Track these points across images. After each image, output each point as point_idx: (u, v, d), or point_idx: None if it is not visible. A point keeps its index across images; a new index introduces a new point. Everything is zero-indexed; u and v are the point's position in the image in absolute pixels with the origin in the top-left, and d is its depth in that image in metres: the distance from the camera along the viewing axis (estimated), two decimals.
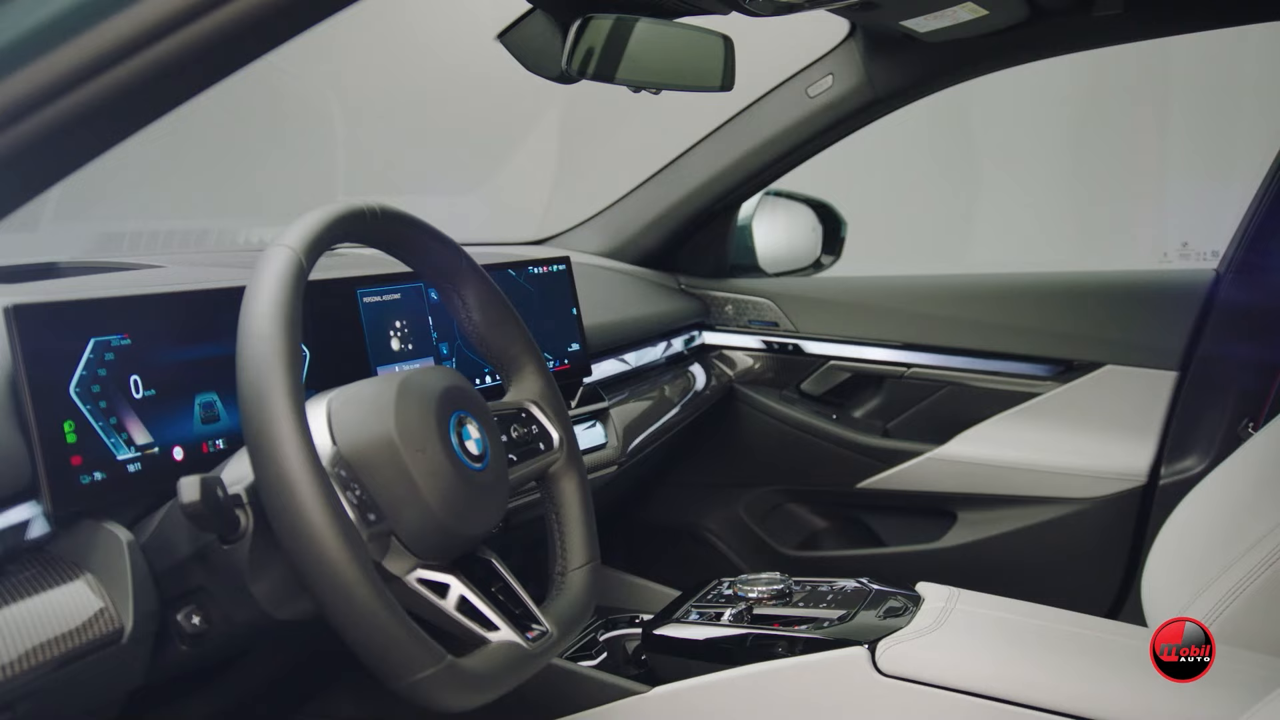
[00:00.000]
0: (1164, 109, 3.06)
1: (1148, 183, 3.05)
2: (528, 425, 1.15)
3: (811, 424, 2.12)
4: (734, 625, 1.33)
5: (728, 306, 2.20)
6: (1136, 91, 3.05)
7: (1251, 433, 1.86)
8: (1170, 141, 3.06)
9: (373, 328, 1.28)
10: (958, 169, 3.29)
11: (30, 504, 0.89)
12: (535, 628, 1.01)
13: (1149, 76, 3.02)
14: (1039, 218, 3.20)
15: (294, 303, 0.88)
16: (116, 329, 0.97)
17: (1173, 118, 3.07)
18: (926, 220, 3.31)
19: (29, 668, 0.81)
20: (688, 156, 2.12)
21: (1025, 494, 1.99)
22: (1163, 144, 3.06)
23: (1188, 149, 3.02)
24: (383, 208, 1.01)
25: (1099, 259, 3.04)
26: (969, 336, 2.07)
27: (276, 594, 0.95)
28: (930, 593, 1.36)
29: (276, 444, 0.82)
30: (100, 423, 0.93)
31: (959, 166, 3.28)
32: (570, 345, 1.61)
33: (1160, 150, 3.05)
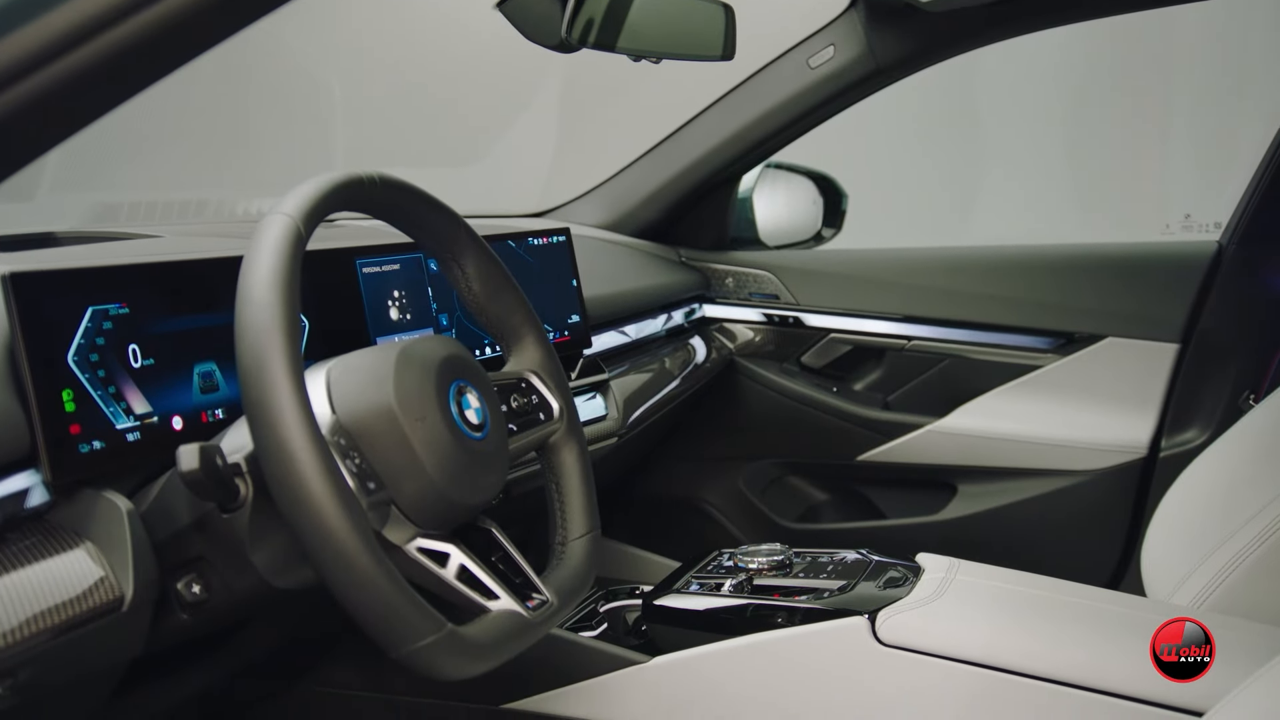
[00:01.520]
0: (1167, 79, 3.04)
1: (1150, 154, 3.03)
2: (528, 395, 1.14)
3: (812, 397, 2.12)
4: (734, 596, 1.33)
5: (728, 279, 2.20)
6: (1139, 61, 3.04)
7: (1252, 405, 1.86)
8: (1173, 112, 3.04)
9: (372, 298, 1.27)
10: (956, 140, 3.27)
11: (29, 472, 0.89)
12: (536, 597, 1.01)
13: (1152, 46, 3.01)
14: (1040, 190, 3.19)
15: (293, 270, 0.87)
16: (114, 298, 0.96)
17: (1176, 88, 3.05)
18: (924, 193, 3.29)
19: (29, 635, 0.81)
20: (688, 129, 2.11)
21: (1026, 466, 1.99)
22: (1165, 115, 3.05)
23: (1191, 120, 3.01)
24: (381, 176, 1.00)
25: (1100, 231, 3.03)
26: (970, 309, 2.06)
27: (276, 563, 0.95)
28: (930, 563, 1.36)
29: (276, 411, 0.82)
30: (99, 392, 0.93)
31: (957, 137, 3.27)
32: (570, 317, 1.61)
33: (1163, 121, 3.04)
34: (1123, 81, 3.07)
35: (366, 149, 2.69)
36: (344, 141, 2.54)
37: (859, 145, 2.76)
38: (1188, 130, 3.02)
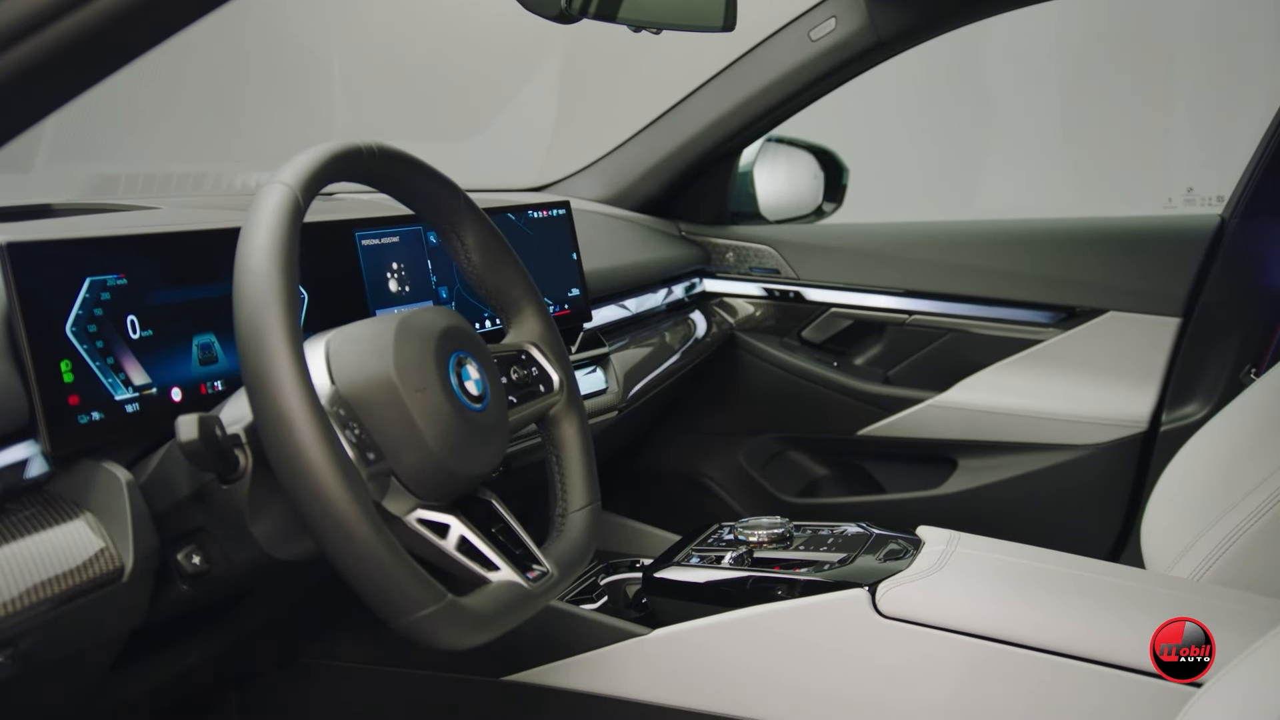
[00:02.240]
0: (1170, 51, 3.02)
1: (1152, 127, 3.02)
2: (527, 367, 1.14)
3: (812, 371, 2.12)
4: (734, 568, 1.33)
5: (729, 254, 2.19)
6: (1141, 34, 3.02)
7: (1254, 378, 1.86)
8: (1175, 85, 3.03)
9: (371, 271, 1.27)
10: (957, 114, 3.26)
11: (28, 443, 0.89)
12: (536, 568, 1.01)
13: (1155, 18, 2.99)
14: (1041, 163, 3.18)
15: (291, 239, 0.87)
16: (112, 269, 0.96)
17: (1178, 60, 3.03)
18: (925, 167, 3.28)
19: (29, 605, 0.81)
20: (688, 102, 2.10)
21: (1026, 441, 1.99)
22: (1168, 87, 3.03)
23: (1193, 93, 2.99)
24: (380, 146, 1.00)
25: (1102, 204, 3.02)
26: (971, 283, 2.06)
27: (276, 535, 0.94)
28: (931, 536, 1.36)
29: (274, 381, 0.82)
30: (97, 363, 0.93)
31: (958, 111, 3.25)
32: (570, 290, 1.60)
33: (1165, 94, 3.02)
34: (1125, 54, 3.05)
35: (365, 122, 2.68)
36: (343, 115, 2.53)
37: (860, 119, 2.75)
38: (1190, 103, 3.00)
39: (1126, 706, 1.09)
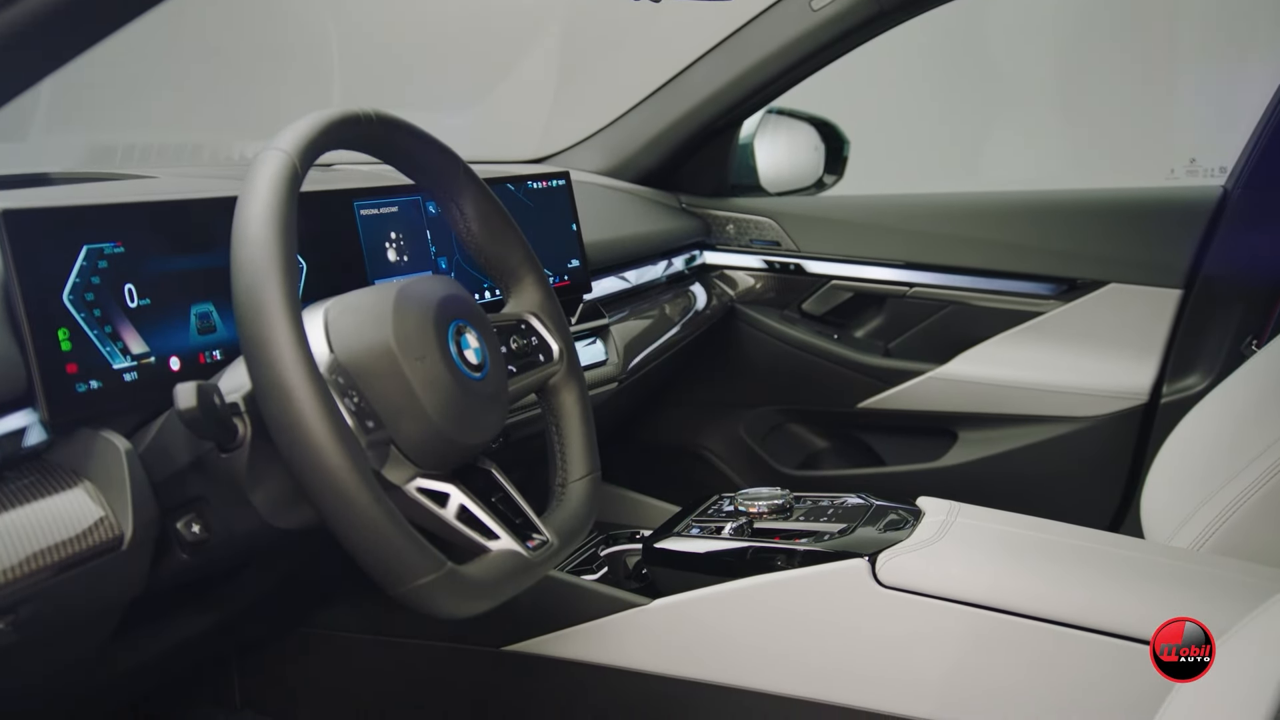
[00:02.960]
0: (1174, 20, 3.00)
1: (1155, 97, 3.00)
2: (527, 337, 1.14)
3: (813, 344, 2.12)
4: (734, 539, 1.33)
5: (729, 226, 2.18)
6: (1145, 2, 3.00)
7: (1255, 350, 1.85)
8: (1179, 54, 3.00)
9: (370, 241, 1.26)
10: (957, 84, 3.23)
11: (27, 411, 0.88)
12: (536, 537, 1.01)
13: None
14: (1041, 133, 3.16)
15: (289, 206, 0.86)
16: (109, 236, 0.95)
17: (1182, 29, 3.01)
18: (924, 138, 3.26)
19: (29, 571, 0.81)
20: (688, 73, 2.09)
21: (1027, 413, 1.99)
22: (1171, 57, 3.01)
23: (1197, 62, 2.97)
24: (378, 113, 0.99)
25: (1103, 175, 3.01)
26: (972, 255, 2.05)
27: (276, 504, 0.94)
28: (931, 506, 1.36)
29: (273, 348, 0.81)
30: (95, 331, 0.92)
31: (959, 81, 3.23)
32: (570, 261, 1.60)
33: (1168, 63, 3.00)
34: (1128, 22, 3.03)
35: (363, 93, 2.66)
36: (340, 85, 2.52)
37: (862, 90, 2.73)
38: (1193, 72, 2.98)
39: (1126, 676, 1.09)
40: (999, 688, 1.16)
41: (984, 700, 1.16)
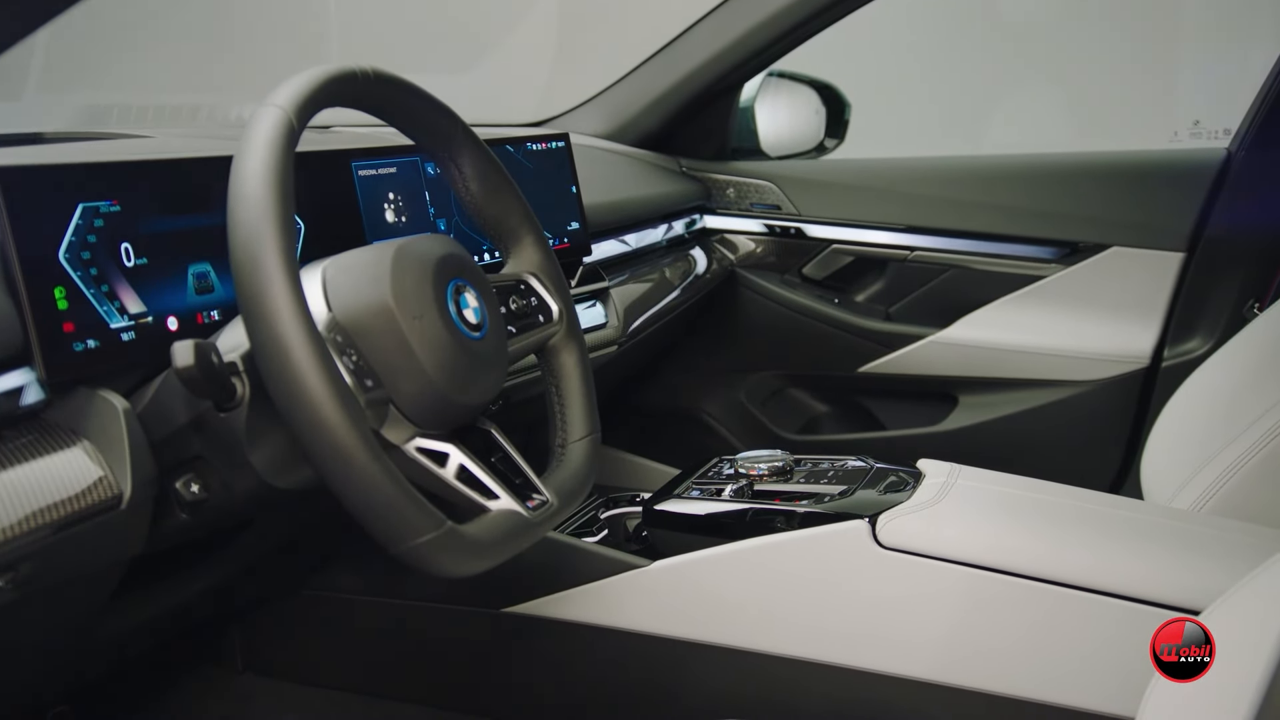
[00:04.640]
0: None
1: (1159, 58, 2.97)
2: (526, 297, 1.13)
3: (813, 308, 2.11)
4: (734, 501, 1.33)
5: (729, 189, 2.17)
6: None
7: (1257, 313, 1.85)
8: (1183, 14, 2.98)
9: (368, 201, 1.26)
10: (956, 44, 3.21)
11: (24, 370, 0.88)
12: (535, 497, 1.01)
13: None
14: (1045, 96, 3.14)
15: (285, 163, 0.85)
16: (105, 195, 0.94)
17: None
18: (925, 100, 3.24)
19: (28, 530, 0.81)
20: (688, 35, 2.07)
21: (1028, 377, 1.99)
22: (1175, 17, 2.98)
23: (1201, 23, 2.94)
24: (376, 70, 0.98)
25: (1106, 137, 2.99)
26: (973, 219, 2.04)
27: (274, 463, 0.94)
28: (931, 469, 1.36)
29: (270, 306, 0.81)
30: (91, 290, 0.92)
31: (957, 42, 3.20)
32: (570, 224, 1.59)
33: (1172, 24, 2.98)
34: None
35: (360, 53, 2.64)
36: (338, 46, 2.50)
37: (864, 52, 2.71)
38: (1198, 34, 2.96)
39: (1127, 636, 1.10)
40: (999, 648, 1.16)
41: (983, 660, 1.17)
